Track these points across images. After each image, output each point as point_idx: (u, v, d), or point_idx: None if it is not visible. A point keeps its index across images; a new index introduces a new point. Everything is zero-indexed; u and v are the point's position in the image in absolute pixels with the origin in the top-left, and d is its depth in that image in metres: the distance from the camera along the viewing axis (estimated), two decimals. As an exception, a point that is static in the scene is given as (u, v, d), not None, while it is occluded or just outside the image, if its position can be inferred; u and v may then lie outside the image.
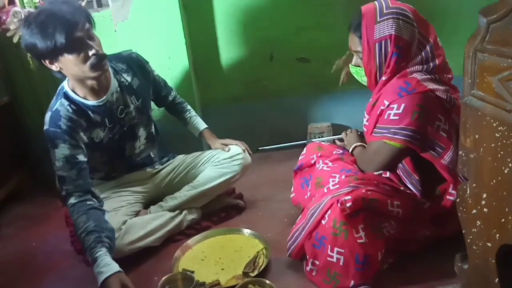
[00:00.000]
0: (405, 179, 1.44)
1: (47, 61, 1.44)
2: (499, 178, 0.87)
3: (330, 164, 1.57)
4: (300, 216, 1.47)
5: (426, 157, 1.35)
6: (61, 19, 1.36)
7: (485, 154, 0.90)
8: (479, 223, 0.96)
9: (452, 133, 1.34)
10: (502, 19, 0.82)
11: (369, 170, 1.48)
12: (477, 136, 0.92)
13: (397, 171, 1.47)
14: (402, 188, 1.42)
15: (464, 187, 0.98)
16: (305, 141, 2.07)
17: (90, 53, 1.41)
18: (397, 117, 1.34)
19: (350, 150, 1.64)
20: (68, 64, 1.42)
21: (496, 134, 0.85)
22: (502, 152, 0.85)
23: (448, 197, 1.40)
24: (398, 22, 1.36)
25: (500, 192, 0.88)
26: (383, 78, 1.42)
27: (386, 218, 1.35)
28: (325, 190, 1.44)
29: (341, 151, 1.67)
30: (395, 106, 1.35)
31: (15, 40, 1.95)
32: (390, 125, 1.35)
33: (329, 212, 1.32)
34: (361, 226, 1.29)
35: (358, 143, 1.63)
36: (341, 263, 1.31)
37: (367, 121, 1.52)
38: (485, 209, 0.93)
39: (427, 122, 1.33)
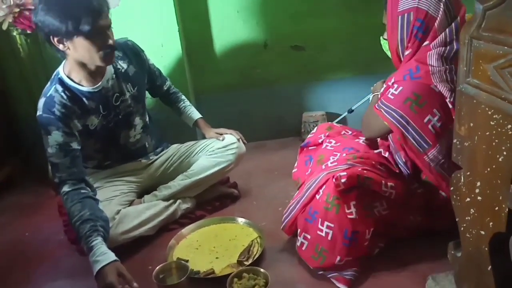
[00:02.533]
0: (395, 156, 1.46)
1: (56, 39, 1.41)
2: (493, 166, 0.87)
3: (333, 142, 1.60)
4: (297, 191, 1.49)
5: (409, 150, 1.32)
6: (89, 4, 1.36)
7: (480, 142, 0.89)
8: (473, 211, 0.96)
9: (444, 132, 1.29)
10: (498, 6, 0.81)
11: (364, 134, 1.52)
12: (472, 124, 0.91)
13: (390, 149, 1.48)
14: (397, 171, 1.43)
15: (458, 175, 0.98)
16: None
17: (108, 42, 1.43)
18: (392, 97, 1.32)
19: (371, 97, 1.57)
20: (81, 48, 1.41)
21: (491, 122, 0.85)
22: (496, 140, 0.85)
23: (441, 191, 1.41)
24: None
25: (494, 180, 0.88)
26: (406, 52, 1.34)
27: (378, 198, 1.37)
28: (323, 167, 1.46)
29: (350, 132, 1.69)
30: (396, 86, 1.33)
31: (4, 27, 1.91)
32: (386, 102, 1.34)
33: (324, 187, 1.35)
34: (353, 202, 1.32)
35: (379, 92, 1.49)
36: (329, 238, 1.33)
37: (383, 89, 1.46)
38: (479, 197, 0.93)
39: (417, 112, 1.29)
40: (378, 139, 1.56)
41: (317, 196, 1.36)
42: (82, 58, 1.45)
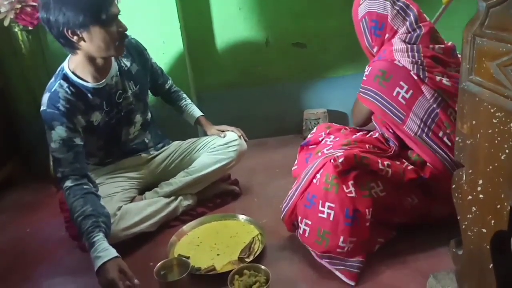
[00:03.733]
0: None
1: (69, 31, 1.39)
2: (496, 164, 0.87)
3: (332, 137, 1.65)
4: (296, 182, 1.50)
5: (391, 124, 1.46)
6: None
7: (482, 140, 0.89)
8: (475, 209, 0.96)
9: (412, 103, 1.42)
10: (501, 3, 0.81)
11: (354, 123, 1.67)
12: (474, 122, 0.91)
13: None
14: (390, 151, 1.49)
15: (460, 173, 0.98)
16: None
17: (122, 29, 1.45)
18: (365, 78, 1.49)
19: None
20: (97, 38, 1.41)
21: (494, 120, 0.85)
22: (499, 138, 0.84)
23: (428, 164, 1.45)
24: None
25: (496, 178, 0.87)
26: (374, 50, 1.54)
27: (375, 179, 1.39)
28: (319, 154, 1.51)
29: (349, 130, 1.71)
30: (367, 68, 1.51)
31: (6, 23, 1.91)
32: (362, 84, 1.51)
33: (321, 171, 1.38)
34: (351, 182, 1.35)
35: None
36: (331, 218, 1.34)
37: None
38: (480, 195, 0.93)
39: (386, 86, 1.44)
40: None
41: (314, 181, 1.39)
42: (98, 48, 1.44)
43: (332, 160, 1.35)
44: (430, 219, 1.48)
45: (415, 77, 1.41)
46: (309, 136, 1.77)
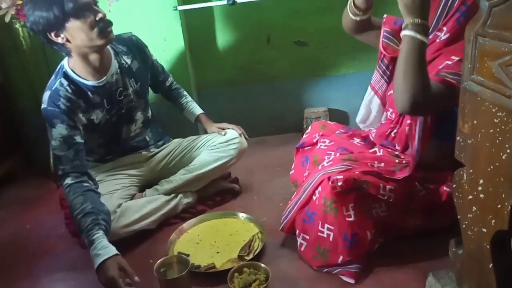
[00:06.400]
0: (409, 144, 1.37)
1: (53, 34, 1.41)
2: (497, 164, 0.87)
3: (327, 142, 1.60)
4: (295, 192, 1.49)
5: None
6: None
7: (483, 139, 0.89)
8: (475, 208, 0.96)
9: None
10: (504, 3, 0.81)
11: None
12: (475, 122, 0.91)
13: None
14: (395, 167, 1.39)
15: (461, 172, 0.98)
16: None
17: (98, 17, 1.42)
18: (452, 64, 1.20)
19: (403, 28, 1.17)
20: (75, 32, 1.41)
21: (495, 120, 0.85)
22: (500, 138, 0.84)
23: (445, 188, 1.39)
24: None
25: (497, 178, 0.87)
26: (441, 36, 1.26)
27: (378, 201, 1.36)
28: (320, 167, 1.46)
29: (343, 131, 1.68)
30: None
31: (7, 19, 1.91)
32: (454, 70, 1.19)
33: (319, 188, 1.34)
34: (351, 205, 1.31)
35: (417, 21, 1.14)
36: (330, 239, 1.33)
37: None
38: (481, 195, 0.93)
39: None
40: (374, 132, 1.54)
41: (314, 198, 1.36)
42: (81, 41, 1.44)
43: (330, 182, 1.30)
44: (432, 231, 1.45)
45: None
46: (304, 136, 1.75)
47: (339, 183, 1.29)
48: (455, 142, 1.21)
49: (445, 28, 1.27)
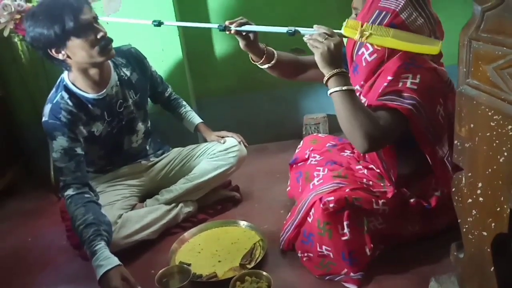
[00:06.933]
0: (381, 168, 1.37)
1: (53, 50, 1.43)
2: (495, 167, 0.87)
3: (317, 157, 1.60)
4: (290, 213, 1.49)
5: (422, 142, 1.25)
6: (66, 3, 1.38)
7: (481, 143, 0.89)
8: (475, 212, 0.96)
9: (446, 122, 1.26)
10: (497, 7, 0.81)
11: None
12: (472, 125, 0.91)
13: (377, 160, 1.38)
14: (382, 185, 1.41)
15: (460, 176, 0.98)
16: None
17: (99, 35, 1.43)
18: (415, 87, 1.20)
19: (326, 78, 1.25)
20: (76, 49, 1.42)
21: (491, 123, 0.85)
22: (497, 141, 0.85)
23: (435, 193, 1.40)
24: (407, 1, 1.23)
25: (495, 181, 0.87)
26: (367, 55, 1.30)
27: (373, 214, 1.36)
28: (311, 186, 1.45)
29: (334, 143, 1.68)
30: (410, 75, 1.22)
31: (5, 33, 1.92)
32: (402, 92, 1.21)
33: (312, 210, 1.35)
34: (346, 222, 1.30)
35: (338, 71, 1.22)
36: (331, 256, 1.35)
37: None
38: (480, 198, 0.93)
39: (430, 103, 1.22)
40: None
41: (309, 219, 1.37)
42: (82, 59, 1.45)
43: (322, 204, 1.30)
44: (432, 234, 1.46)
45: (446, 89, 1.27)
46: (296, 151, 1.76)
47: (331, 205, 1.29)
48: (414, 146, 1.27)
49: (371, 48, 1.30)
